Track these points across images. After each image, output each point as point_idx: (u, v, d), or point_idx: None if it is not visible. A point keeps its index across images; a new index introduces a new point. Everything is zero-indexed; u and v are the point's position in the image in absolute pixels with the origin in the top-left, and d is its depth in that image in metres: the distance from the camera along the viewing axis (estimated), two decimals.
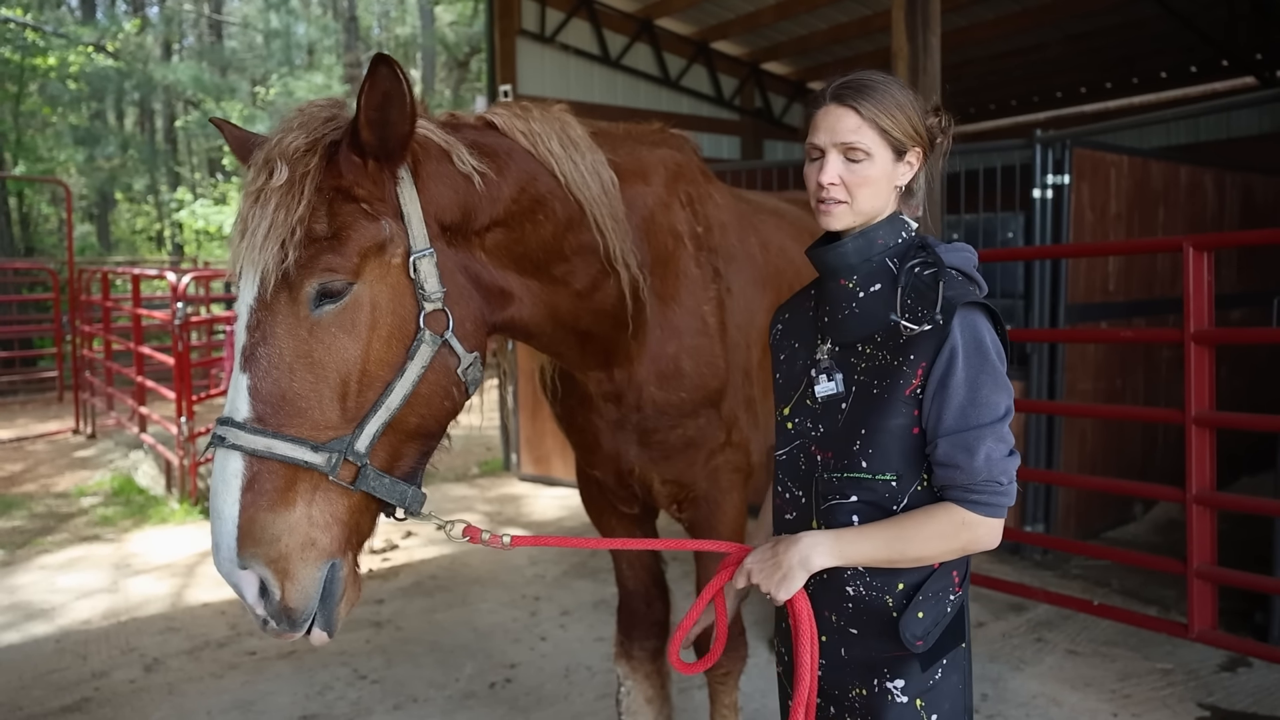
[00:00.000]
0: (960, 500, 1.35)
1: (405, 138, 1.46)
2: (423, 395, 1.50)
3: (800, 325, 1.58)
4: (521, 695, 3.44)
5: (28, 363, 11.96)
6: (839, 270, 1.45)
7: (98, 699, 3.45)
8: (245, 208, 1.45)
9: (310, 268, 1.42)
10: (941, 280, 1.36)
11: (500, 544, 1.53)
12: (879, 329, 1.41)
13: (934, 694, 1.43)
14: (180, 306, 5.99)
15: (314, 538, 1.40)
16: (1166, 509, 5.43)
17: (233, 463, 1.38)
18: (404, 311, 1.49)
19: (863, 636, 1.44)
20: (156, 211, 23.36)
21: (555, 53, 7.93)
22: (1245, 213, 5.96)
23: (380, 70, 1.39)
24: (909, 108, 1.41)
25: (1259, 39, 8.11)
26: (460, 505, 6.28)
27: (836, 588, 1.45)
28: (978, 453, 1.32)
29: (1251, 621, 3.76)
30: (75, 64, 18.09)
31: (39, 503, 6.43)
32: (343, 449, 1.41)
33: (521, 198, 1.72)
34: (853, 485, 1.42)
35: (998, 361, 1.36)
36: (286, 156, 1.44)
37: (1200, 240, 3.04)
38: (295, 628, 1.42)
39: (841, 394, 1.45)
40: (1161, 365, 5.34)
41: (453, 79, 22.62)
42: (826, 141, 1.40)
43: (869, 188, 1.39)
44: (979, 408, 1.33)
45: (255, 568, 1.39)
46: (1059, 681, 3.42)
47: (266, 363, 1.41)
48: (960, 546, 1.37)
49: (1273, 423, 3.37)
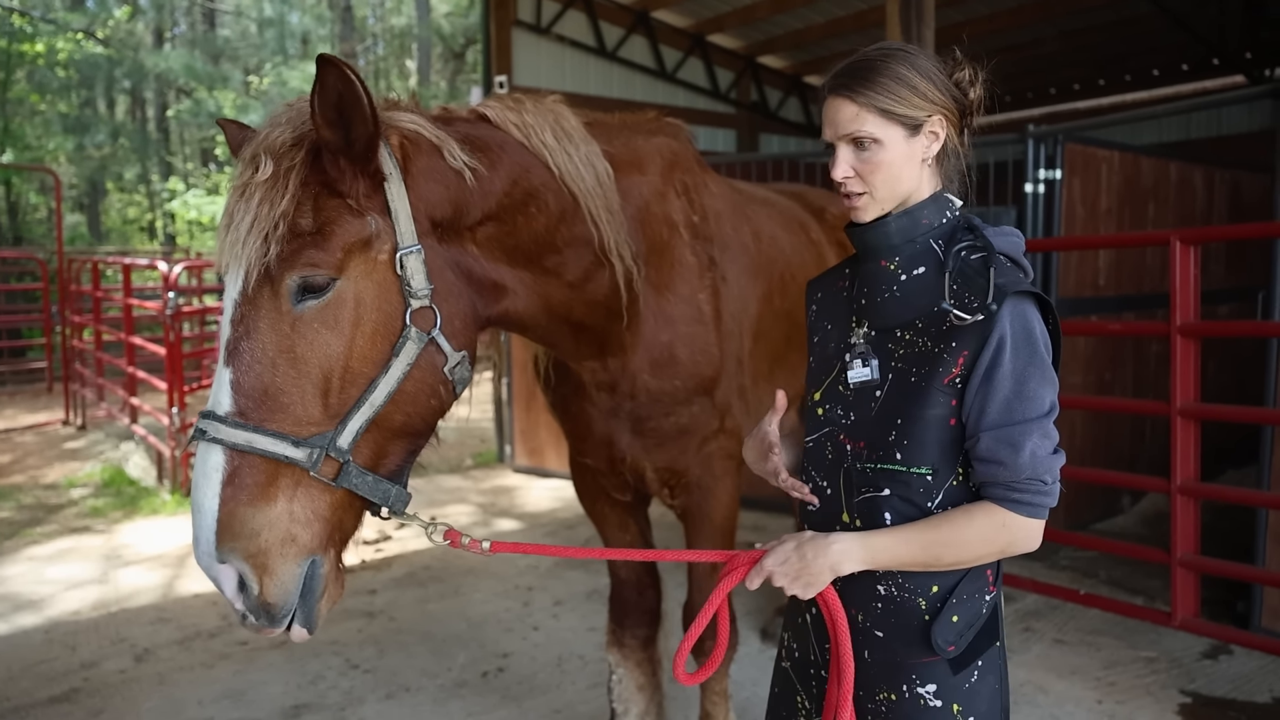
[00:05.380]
0: (1001, 499, 1.28)
1: (370, 138, 1.44)
2: (408, 393, 1.49)
3: (834, 306, 1.50)
4: (514, 684, 3.46)
5: (16, 353, 11.89)
6: (880, 250, 1.38)
7: (87, 689, 3.45)
8: (230, 202, 1.45)
9: (292, 261, 1.42)
10: (992, 266, 1.29)
11: (479, 550, 1.50)
12: (921, 315, 1.34)
13: (970, 697, 1.35)
14: (172, 297, 5.97)
15: (294, 534, 1.40)
16: (1154, 501, 5.48)
17: (214, 456, 1.38)
18: (389, 308, 1.48)
19: (889, 639, 1.36)
20: (148, 201, 23.18)
21: (551, 44, 7.91)
22: (1233, 209, 6.00)
23: (327, 74, 1.36)
24: (916, 77, 1.32)
25: (1249, 38, 8.16)
26: (454, 497, 6.28)
27: (866, 587, 1.37)
28: (1023, 449, 1.24)
29: (1233, 610, 3.81)
30: (64, 51, 17.93)
31: (28, 494, 6.40)
32: (324, 445, 1.41)
33: (514, 191, 1.71)
34: (886, 478, 1.34)
35: (1046, 354, 1.29)
36: (272, 151, 1.44)
37: (1187, 234, 3.07)
38: (274, 623, 1.42)
39: (876, 381, 1.37)
40: (1150, 359, 5.39)
41: (448, 70, 22.51)
42: (832, 135, 1.36)
43: (883, 173, 1.33)
44: (1025, 401, 1.26)
45: (234, 562, 1.39)
46: (1046, 670, 3.46)
47: (249, 357, 1.41)
48: (999, 549, 1.30)
49: (1255, 414, 3.42)
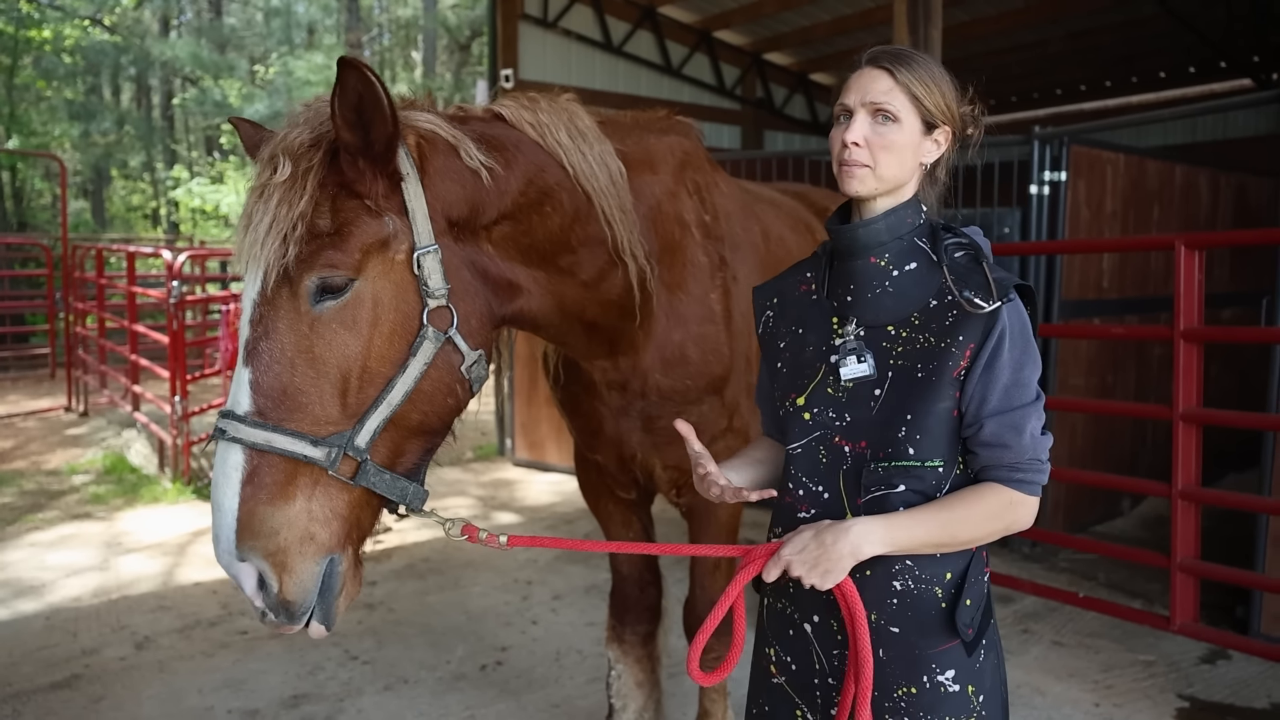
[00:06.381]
0: (1006, 480, 1.34)
1: (390, 139, 1.45)
2: (425, 392, 1.51)
3: (800, 309, 1.50)
4: (512, 678, 3.47)
5: (20, 339, 11.90)
6: (870, 247, 1.40)
7: (88, 676, 3.47)
8: (249, 203, 1.46)
9: (311, 263, 1.43)
10: (984, 262, 1.36)
11: (497, 544, 1.52)
12: (917, 310, 1.37)
13: (980, 676, 1.39)
14: (175, 285, 5.98)
15: (313, 532, 1.42)
16: (1154, 505, 5.48)
17: (233, 455, 1.39)
18: (407, 308, 1.49)
19: (905, 634, 1.37)
20: (152, 189, 23.21)
21: (557, 38, 7.90)
22: (1239, 213, 5.98)
23: (348, 76, 1.38)
24: (944, 83, 1.39)
25: (1256, 41, 8.13)
26: (454, 490, 6.29)
27: (881, 584, 1.37)
28: (1025, 431, 1.32)
29: (1232, 615, 3.81)
30: (71, 37, 17.94)
31: (30, 480, 6.42)
32: (343, 444, 1.43)
33: (529, 190, 1.72)
34: (900, 474, 1.36)
35: (1034, 341, 1.38)
36: (290, 152, 1.45)
37: (1192, 239, 3.06)
38: (293, 620, 1.44)
39: (874, 377, 1.38)
40: (1153, 363, 5.38)
41: (454, 62, 22.48)
42: (856, 101, 1.36)
43: (894, 153, 1.35)
44: (1022, 388, 1.33)
45: (254, 560, 1.40)
46: (1044, 672, 3.46)
47: (268, 357, 1.42)
48: (1005, 526, 1.35)
49: (1256, 419, 3.42)
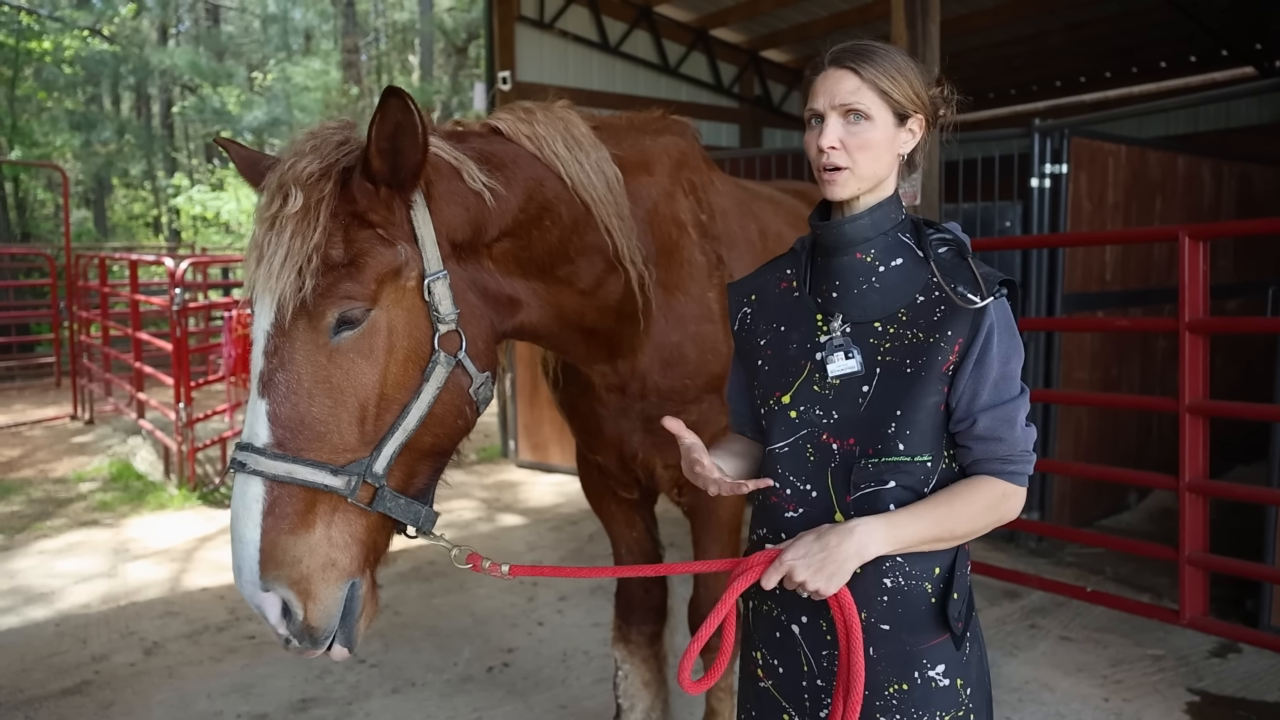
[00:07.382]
0: (999, 472, 1.35)
1: (418, 166, 1.48)
2: (437, 415, 1.53)
3: (781, 306, 1.48)
4: (519, 679, 3.47)
5: (25, 348, 11.93)
6: (855, 242, 1.40)
7: (98, 682, 3.48)
8: (260, 233, 1.45)
9: (329, 296, 1.43)
10: (968, 257, 1.37)
11: (499, 573, 1.52)
12: (904, 306, 1.37)
13: (967, 669, 1.40)
14: (178, 292, 5.99)
15: (334, 558, 1.44)
16: (1160, 497, 5.46)
17: (253, 488, 1.40)
18: (419, 334, 1.51)
19: (895, 631, 1.37)
20: (153, 197, 23.24)
21: (554, 39, 7.89)
22: (1242, 203, 5.96)
23: (391, 103, 1.41)
24: (910, 72, 1.38)
25: (1258, 29, 8.09)
26: (458, 493, 6.29)
27: (872, 583, 1.37)
28: (1016, 424, 1.34)
29: (1242, 608, 3.80)
30: (71, 48, 17.97)
31: (37, 488, 6.44)
32: (361, 471, 1.44)
33: (529, 206, 1.73)
34: (890, 470, 1.35)
35: (1018, 333, 1.39)
36: (300, 182, 1.45)
37: (1196, 230, 3.05)
38: (317, 645, 1.46)
39: (862, 373, 1.38)
40: (1157, 354, 5.36)
41: (451, 65, 22.47)
42: (825, 105, 1.35)
43: (870, 151, 1.35)
44: (1009, 381, 1.35)
45: (278, 589, 1.42)
46: (1052, 667, 3.45)
47: (285, 388, 1.43)
48: (998, 518, 1.36)
49: (1264, 411, 3.40)
